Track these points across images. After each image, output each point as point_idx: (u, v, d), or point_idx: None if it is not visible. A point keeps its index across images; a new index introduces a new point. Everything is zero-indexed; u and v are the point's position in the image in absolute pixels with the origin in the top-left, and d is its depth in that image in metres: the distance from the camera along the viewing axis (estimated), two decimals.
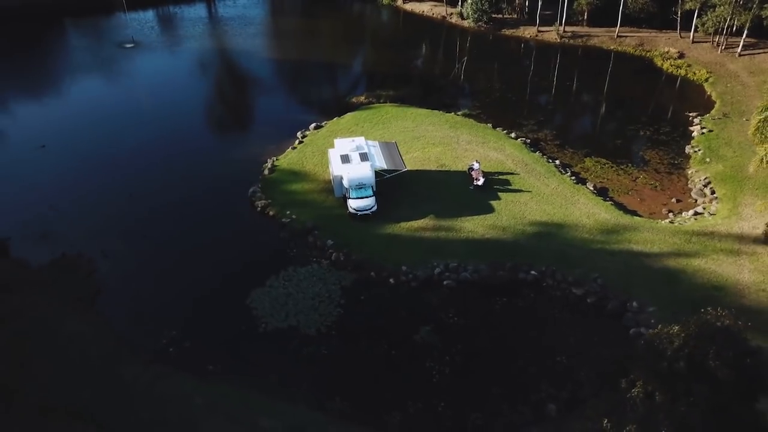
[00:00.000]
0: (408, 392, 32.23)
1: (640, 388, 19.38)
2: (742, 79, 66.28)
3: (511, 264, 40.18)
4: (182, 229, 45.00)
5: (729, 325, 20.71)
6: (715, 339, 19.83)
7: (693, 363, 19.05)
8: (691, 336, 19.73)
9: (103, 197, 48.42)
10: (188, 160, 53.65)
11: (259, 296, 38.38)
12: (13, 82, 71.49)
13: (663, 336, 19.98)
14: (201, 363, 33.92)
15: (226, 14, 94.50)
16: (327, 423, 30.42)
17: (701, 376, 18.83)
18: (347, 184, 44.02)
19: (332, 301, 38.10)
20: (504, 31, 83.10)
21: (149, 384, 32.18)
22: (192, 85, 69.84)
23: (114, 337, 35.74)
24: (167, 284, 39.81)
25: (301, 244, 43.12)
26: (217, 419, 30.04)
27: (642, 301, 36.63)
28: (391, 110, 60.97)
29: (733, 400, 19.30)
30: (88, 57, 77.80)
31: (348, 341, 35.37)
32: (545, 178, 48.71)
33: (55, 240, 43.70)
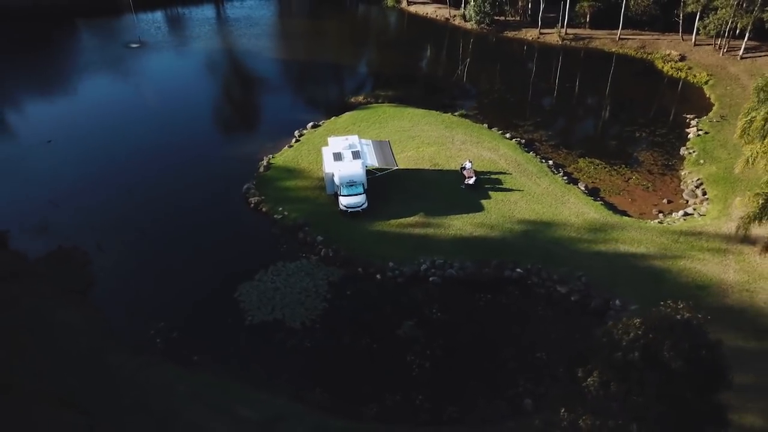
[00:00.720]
0: (387, 385, 32.73)
1: (596, 377, 19.72)
2: (742, 82, 66.04)
3: (496, 262, 40.53)
4: (177, 224, 45.85)
5: (688, 317, 20.95)
6: (672, 331, 20.11)
7: (648, 353, 19.35)
8: (648, 327, 20.02)
9: (102, 192, 49.37)
10: (186, 156, 54.54)
11: (247, 290, 39.08)
12: (23, 79, 72.90)
13: (620, 327, 20.30)
14: (186, 353, 34.70)
15: (233, 15, 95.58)
16: (305, 414, 30.98)
17: (655, 366, 19.13)
18: (338, 182, 44.63)
19: (318, 295, 38.70)
20: (506, 33, 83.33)
21: (134, 372, 32.98)
22: (194, 84, 70.85)
23: (104, 327, 36.67)
24: (158, 277, 40.64)
25: (292, 240, 43.78)
26: (197, 407, 30.73)
27: (625, 299, 36.82)
28: (388, 110, 61.53)
29: (688, 391, 19.56)
30: (94, 56, 79.13)
31: (331, 335, 35.95)
32: (537, 177, 48.98)
33: (53, 233, 44.73)
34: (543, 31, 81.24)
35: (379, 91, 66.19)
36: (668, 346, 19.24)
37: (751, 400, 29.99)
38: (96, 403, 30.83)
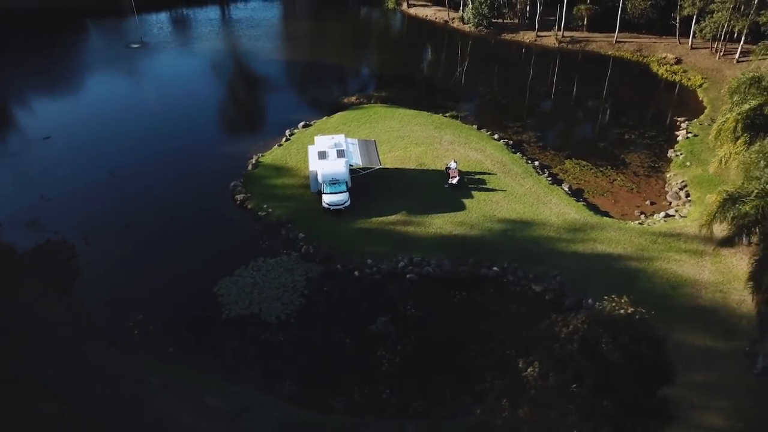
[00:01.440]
0: (356, 379, 33.19)
1: (535, 368, 20.08)
2: None
3: (473, 260, 40.89)
4: (164, 219, 46.63)
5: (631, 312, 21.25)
6: (612, 324, 20.41)
7: (586, 345, 19.67)
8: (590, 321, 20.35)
9: (94, 187, 50.39)
10: (179, 154, 55.52)
11: (226, 284, 39.74)
12: (24, 77, 74.16)
13: (560, 320, 20.65)
14: (162, 345, 35.38)
15: (236, 17, 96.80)
16: (273, 405, 31.54)
17: (593, 358, 19.44)
18: (321, 180, 45.23)
19: (296, 291, 39.27)
20: (504, 36, 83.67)
21: (110, 362, 33.73)
22: (191, 83, 71.97)
23: (84, 318, 37.48)
24: (141, 271, 41.39)
25: (274, 237, 44.43)
26: (168, 397, 31.37)
27: (597, 298, 36.87)
28: (379, 111, 62.08)
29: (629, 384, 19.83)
30: (95, 56, 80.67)
31: (305, 329, 36.50)
32: (521, 178, 49.27)
33: (43, 227, 45.64)
34: (540, 33, 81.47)
35: (372, 92, 66.91)
36: (607, 339, 19.54)
37: (714, 399, 30.19)
38: (71, 392, 31.53)
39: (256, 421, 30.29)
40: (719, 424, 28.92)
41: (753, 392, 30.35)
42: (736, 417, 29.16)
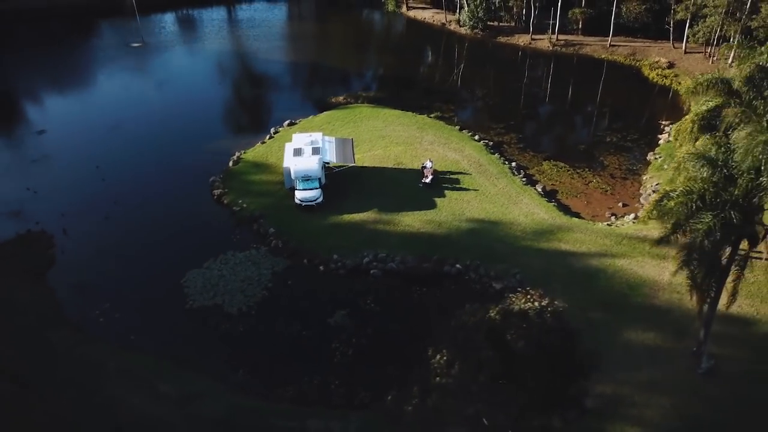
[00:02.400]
0: (308, 370, 33.79)
1: (442, 356, 20.56)
2: None
3: (437, 257, 41.34)
4: (143, 212, 47.72)
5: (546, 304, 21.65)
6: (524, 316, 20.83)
7: (492, 335, 20.12)
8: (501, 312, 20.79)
9: (79, 179, 51.90)
10: (165, 149, 56.82)
11: (194, 276, 40.65)
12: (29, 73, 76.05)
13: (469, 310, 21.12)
14: (124, 332, 36.38)
15: (239, 18, 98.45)
16: (223, 392, 32.28)
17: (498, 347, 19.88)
18: (294, 176, 46.03)
19: (260, 284, 40.05)
20: (499, 39, 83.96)
21: (71, 348, 34.76)
22: (186, 81, 73.58)
23: (53, 305, 38.60)
24: (114, 261, 42.45)
25: (246, 231, 45.30)
26: (121, 382, 32.25)
27: (554, 297, 37.10)
28: (365, 110, 62.77)
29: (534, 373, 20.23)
30: (97, 54, 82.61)
31: (264, 321, 37.23)
32: (496, 178, 49.59)
33: (25, 218, 47.07)
34: (535, 37, 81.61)
35: (360, 92, 67.67)
36: (514, 330, 19.97)
37: (656, 397, 30.33)
38: (31, 374, 32.59)
39: (204, 407, 31.04)
40: (657, 422, 29.04)
41: (696, 392, 30.44)
42: (675, 415, 29.27)
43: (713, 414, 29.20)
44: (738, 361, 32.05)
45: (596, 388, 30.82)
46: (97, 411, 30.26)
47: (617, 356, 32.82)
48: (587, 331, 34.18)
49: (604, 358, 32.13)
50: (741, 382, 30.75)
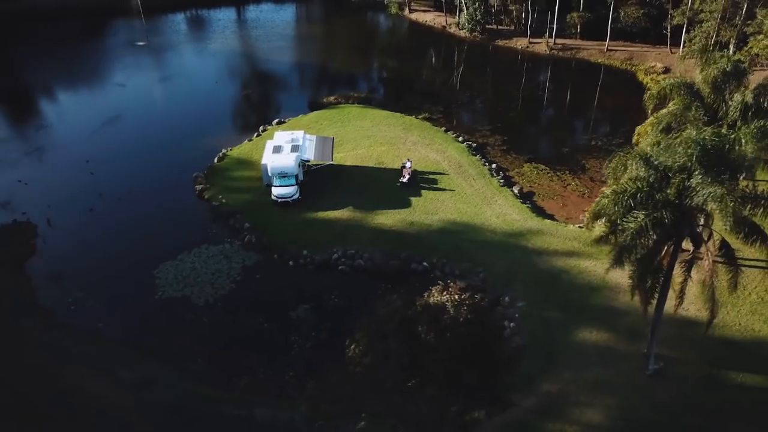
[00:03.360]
0: (264, 361, 34.48)
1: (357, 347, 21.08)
2: None
3: (405, 254, 41.77)
4: (126, 205, 48.95)
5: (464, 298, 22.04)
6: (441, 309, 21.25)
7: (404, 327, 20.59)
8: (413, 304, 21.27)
9: (69, 173, 53.50)
10: (155, 145, 58.25)
11: (166, 268, 41.65)
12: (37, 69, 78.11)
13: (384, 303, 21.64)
14: (93, 321, 37.45)
15: (244, 19, 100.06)
16: (179, 380, 33.15)
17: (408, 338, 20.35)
18: (271, 173, 46.86)
19: (229, 277, 40.91)
20: (498, 42, 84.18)
21: (39, 334, 35.91)
22: (184, 78, 75.31)
23: (28, 292, 39.84)
24: (92, 251, 43.62)
25: (223, 226, 46.24)
26: (82, 368, 33.27)
27: (514, 296, 37.41)
28: (354, 111, 63.50)
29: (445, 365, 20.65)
30: (103, 51, 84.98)
31: (229, 313, 38.03)
32: (473, 179, 49.92)
33: (13, 209, 48.58)
34: (532, 40, 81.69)
35: (353, 93, 68.40)
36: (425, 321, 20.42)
37: (601, 397, 30.50)
38: None
39: (158, 394, 31.90)
40: (597, 421, 29.18)
41: (641, 393, 30.51)
42: (617, 415, 29.39)
43: (655, 415, 29.25)
44: (688, 365, 32.02)
45: (543, 386, 31.28)
46: (53, 395, 31.23)
47: (568, 356, 33.07)
48: (542, 331, 34.75)
49: (554, 357, 32.71)
50: (687, 385, 30.76)
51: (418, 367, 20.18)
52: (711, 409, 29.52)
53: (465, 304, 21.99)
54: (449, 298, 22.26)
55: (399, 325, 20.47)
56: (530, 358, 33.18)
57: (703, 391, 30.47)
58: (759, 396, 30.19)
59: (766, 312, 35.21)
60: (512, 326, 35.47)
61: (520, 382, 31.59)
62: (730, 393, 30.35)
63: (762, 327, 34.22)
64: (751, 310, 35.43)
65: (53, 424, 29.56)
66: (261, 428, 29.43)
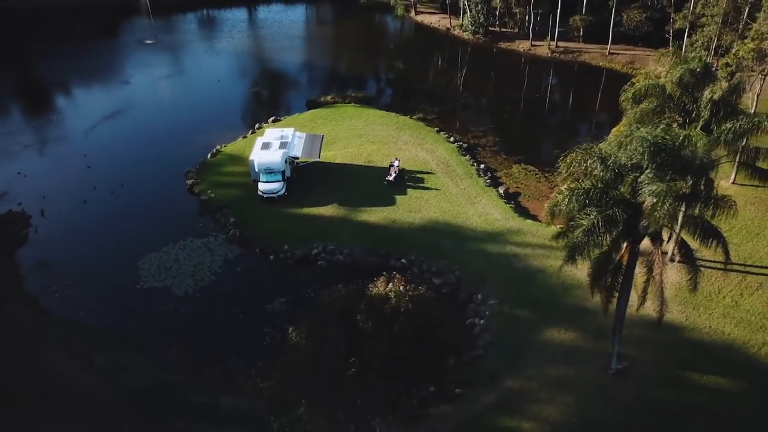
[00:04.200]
0: (236, 351, 35.12)
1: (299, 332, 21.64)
2: None
3: (385, 251, 42.27)
4: (119, 198, 50.11)
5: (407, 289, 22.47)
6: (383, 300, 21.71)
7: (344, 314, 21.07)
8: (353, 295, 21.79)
9: (67, 166, 54.84)
10: (153, 141, 59.54)
11: (151, 259, 42.60)
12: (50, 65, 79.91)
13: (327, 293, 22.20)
14: (75, 308, 38.48)
15: (253, 19, 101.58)
16: (152, 367, 34.00)
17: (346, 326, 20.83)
18: (258, 168, 47.65)
19: (211, 269, 41.74)
20: (500, 44, 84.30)
21: (22, 319, 37.00)
22: (187, 76, 76.78)
23: (16, 280, 41.03)
24: (81, 242, 44.74)
25: (209, 220, 47.13)
26: (59, 353, 34.20)
27: (487, 294, 37.76)
28: (350, 110, 64.10)
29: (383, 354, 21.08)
30: (112, 48, 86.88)
31: (207, 304, 38.83)
32: (460, 179, 50.21)
33: (9, 199, 49.94)
34: (535, 43, 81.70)
35: (351, 92, 68.95)
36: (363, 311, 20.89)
37: (560, 394, 30.64)
38: None
39: (129, 379, 32.73)
40: (554, 418, 29.33)
41: (602, 392, 30.59)
42: (574, 413, 29.50)
43: (613, 414, 29.33)
44: (653, 365, 32.04)
45: (505, 382, 31.55)
46: (29, 378, 32.19)
47: (534, 353, 33.29)
48: (510, 328, 35.02)
49: (520, 354, 32.93)
50: (649, 385, 30.78)
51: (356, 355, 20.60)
52: (671, 410, 29.51)
53: (408, 296, 22.28)
54: (393, 288, 22.61)
55: (339, 313, 20.89)
56: (496, 354, 33.54)
57: (665, 391, 30.46)
58: (720, 398, 30.14)
59: (738, 315, 35.02)
60: (482, 323, 36.03)
61: (483, 377, 32.04)
62: (692, 394, 30.32)
63: (732, 330, 34.06)
64: (723, 313, 35.28)
65: (24, 404, 30.43)
66: (224, 415, 30.04)
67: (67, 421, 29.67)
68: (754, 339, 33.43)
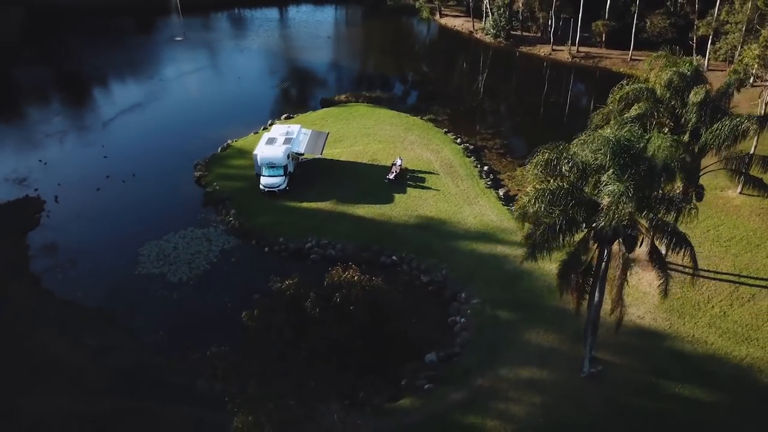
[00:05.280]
0: (222, 336, 35.60)
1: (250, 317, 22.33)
2: (740, 109, 62.59)
3: (377, 247, 42.79)
4: (130, 187, 51.93)
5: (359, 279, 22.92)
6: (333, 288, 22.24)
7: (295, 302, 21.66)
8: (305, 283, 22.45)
9: (85, 156, 57.31)
10: (168, 133, 61.65)
11: (151, 246, 44.05)
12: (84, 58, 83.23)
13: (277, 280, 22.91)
14: (74, 289, 40.12)
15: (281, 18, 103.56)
16: (138, 349, 35.22)
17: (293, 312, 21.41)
18: (260, 163, 48.77)
19: (207, 259, 42.93)
20: (521, 48, 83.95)
21: (23, 298, 38.78)
22: (210, 72, 79.32)
23: (23, 260, 42.99)
24: (89, 227, 46.64)
25: (212, 211, 48.40)
26: (52, 331, 35.74)
27: (471, 294, 37.93)
28: (361, 109, 64.84)
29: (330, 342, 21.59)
30: (144, 44, 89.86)
31: (199, 291, 40.00)
32: (461, 180, 50.36)
33: (28, 185, 52.35)
34: (555, 47, 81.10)
35: (365, 92, 69.76)
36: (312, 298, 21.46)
37: (529, 395, 30.66)
38: None
39: (115, 359, 34.01)
40: (519, 417, 29.33)
41: (572, 394, 30.44)
42: (541, 414, 29.45)
43: (579, 416, 29.17)
44: (628, 372, 31.70)
45: (476, 380, 31.69)
46: (20, 353, 33.78)
47: (509, 353, 33.33)
48: (489, 328, 35.14)
49: (495, 353, 33.04)
50: (620, 390, 30.48)
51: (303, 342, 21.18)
52: (639, 417, 29.20)
53: (360, 285, 22.73)
54: (347, 278, 23.12)
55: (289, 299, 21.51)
56: (471, 352, 33.72)
57: (636, 398, 30.13)
58: (692, 408, 29.68)
59: (724, 326, 34.36)
60: (462, 321, 36.27)
61: (456, 374, 32.28)
62: (664, 402, 29.90)
63: (716, 340, 33.44)
64: (709, 323, 34.65)
65: (12, 377, 31.95)
66: (197, 397, 30.88)
67: (50, 394, 31.05)
68: (736, 350, 32.74)
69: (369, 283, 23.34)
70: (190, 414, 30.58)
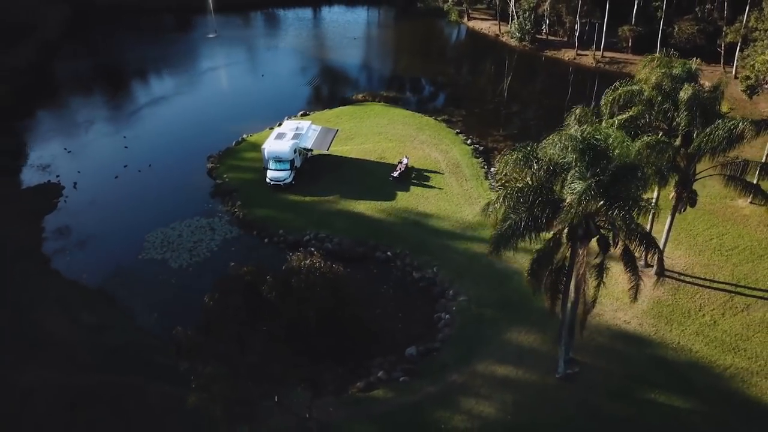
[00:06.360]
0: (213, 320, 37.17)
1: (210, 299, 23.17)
2: None
3: (373, 243, 43.36)
4: (145, 177, 53.82)
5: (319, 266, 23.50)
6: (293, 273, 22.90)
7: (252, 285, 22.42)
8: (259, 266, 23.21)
9: (106, 145, 59.47)
10: (189, 126, 63.60)
11: (157, 233, 45.64)
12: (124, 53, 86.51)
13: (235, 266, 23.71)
14: (79, 270, 41.92)
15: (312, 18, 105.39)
16: (132, 330, 36.62)
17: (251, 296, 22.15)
18: (267, 157, 49.92)
19: (208, 247, 44.25)
20: (546, 52, 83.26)
21: (30, 277, 40.70)
22: (236, 68, 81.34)
23: (36, 241, 45.08)
24: (102, 213, 48.54)
25: (219, 201, 49.77)
26: (52, 309, 37.44)
27: (459, 291, 38.10)
28: (377, 108, 65.51)
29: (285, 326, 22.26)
30: (179, 40, 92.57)
31: (197, 277, 41.21)
32: (466, 180, 50.45)
33: (50, 171, 54.82)
34: (580, 52, 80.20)
35: (382, 91, 70.47)
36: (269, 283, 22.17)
37: (501, 392, 30.76)
38: None
39: (108, 337, 35.49)
40: (487, 414, 29.41)
41: (544, 394, 30.38)
42: (510, 410, 29.49)
43: (548, 417, 29.10)
44: (606, 375, 31.42)
45: (451, 376, 31.92)
46: (18, 328, 35.52)
47: (488, 351, 33.44)
48: (472, 325, 35.30)
49: (474, 351, 33.19)
50: (594, 392, 30.25)
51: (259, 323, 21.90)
52: (610, 420, 28.96)
53: (319, 272, 23.30)
54: (306, 264, 23.73)
55: (246, 283, 22.26)
56: (451, 348, 33.92)
57: (609, 401, 29.87)
58: (666, 414, 29.25)
59: (712, 335, 33.67)
60: (447, 318, 36.50)
61: (433, 369, 32.55)
62: (637, 407, 29.57)
63: (701, 349, 32.81)
64: (697, 330, 34.02)
65: (8, 351, 33.63)
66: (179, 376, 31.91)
67: (42, 367, 32.55)
68: (721, 360, 32.06)
69: (330, 269, 23.88)
70: (172, 392, 31.55)
